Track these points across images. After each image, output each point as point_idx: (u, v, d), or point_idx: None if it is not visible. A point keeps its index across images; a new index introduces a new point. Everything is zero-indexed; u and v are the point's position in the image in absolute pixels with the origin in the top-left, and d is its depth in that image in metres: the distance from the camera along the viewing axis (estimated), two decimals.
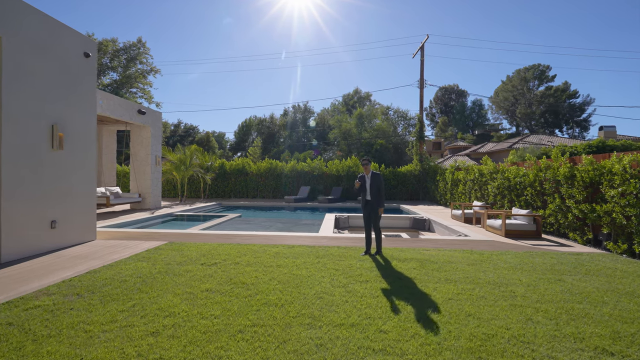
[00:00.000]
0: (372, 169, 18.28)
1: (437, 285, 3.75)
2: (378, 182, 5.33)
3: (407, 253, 5.37)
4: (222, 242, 6.23)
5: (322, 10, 63.08)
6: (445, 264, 4.67)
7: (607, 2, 65.21)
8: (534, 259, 5.12)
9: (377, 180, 5.34)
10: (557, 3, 68.84)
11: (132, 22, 65.38)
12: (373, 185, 5.32)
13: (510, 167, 9.31)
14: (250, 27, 76.25)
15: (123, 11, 62.81)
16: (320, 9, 62.25)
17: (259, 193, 18.56)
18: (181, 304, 3.15)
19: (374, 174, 5.39)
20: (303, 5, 57.84)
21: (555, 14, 70.41)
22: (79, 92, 6.04)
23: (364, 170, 5.49)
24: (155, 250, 5.48)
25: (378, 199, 5.31)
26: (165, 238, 6.60)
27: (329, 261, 4.78)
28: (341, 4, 68.17)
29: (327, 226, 8.39)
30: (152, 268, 4.34)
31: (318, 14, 62.55)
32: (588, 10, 68.29)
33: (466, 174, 12.27)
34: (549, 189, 7.53)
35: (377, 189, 5.31)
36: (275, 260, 4.78)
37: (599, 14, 68.01)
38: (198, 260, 4.78)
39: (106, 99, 10.15)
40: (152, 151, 12.65)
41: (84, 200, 6.19)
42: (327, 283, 3.80)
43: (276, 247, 5.71)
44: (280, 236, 6.92)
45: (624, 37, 63.99)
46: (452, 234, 8.04)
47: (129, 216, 10.12)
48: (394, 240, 6.70)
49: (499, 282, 3.92)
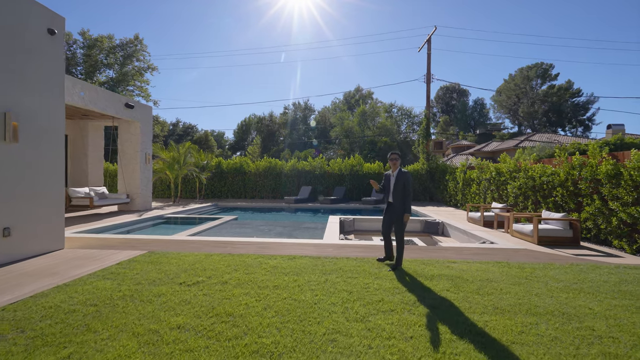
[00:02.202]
0: (377, 167, 17.52)
1: (487, 318, 2.83)
2: (404, 182, 4.43)
3: (432, 267, 4.45)
4: (211, 251, 5.32)
5: (322, 11, 62.14)
6: (484, 283, 3.75)
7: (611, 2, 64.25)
8: (587, 274, 4.20)
9: (403, 179, 4.44)
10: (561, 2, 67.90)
11: (129, 23, 64.49)
12: (398, 185, 4.46)
13: (535, 165, 8.39)
14: (250, 26, 75.29)
15: (120, 12, 61.93)
16: (321, 9, 61.29)
17: (258, 193, 17.63)
18: (137, 354, 2.23)
19: (401, 172, 4.51)
20: (303, 5, 56.87)
21: (558, 11, 69.43)
22: (40, 77, 5.11)
23: (392, 166, 4.61)
24: (129, 263, 4.56)
25: (403, 203, 4.42)
26: (147, 246, 5.69)
27: (338, 279, 3.86)
28: (341, 4, 67.22)
29: (332, 231, 7.47)
30: (115, 290, 3.42)
31: (318, 14, 61.59)
32: (591, 9, 67.34)
33: (481, 172, 11.35)
34: (585, 189, 6.61)
35: (403, 190, 4.42)
36: (272, 278, 3.86)
37: (601, 13, 67.07)
38: (177, 277, 3.87)
39: (88, 90, 9.22)
40: (142, 148, 11.71)
41: (48, 202, 5.26)
42: (339, 314, 2.88)
43: (274, 259, 4.80)
44: (279, 244, 6.00)
45: (627, 34, 63.02)
46: (474, 240, 7.12)
47: (113, 219, 9.20)
48: (409, 249, 5.77)
49: (564, 311, 3.00)
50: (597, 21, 67.90)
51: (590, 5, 67.53)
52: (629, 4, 60.70)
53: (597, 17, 67.84)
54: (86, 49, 37.31)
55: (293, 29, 67.03)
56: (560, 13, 69.85)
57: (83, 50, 37.45)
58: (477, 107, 57.08)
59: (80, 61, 37.86)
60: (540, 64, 48.68)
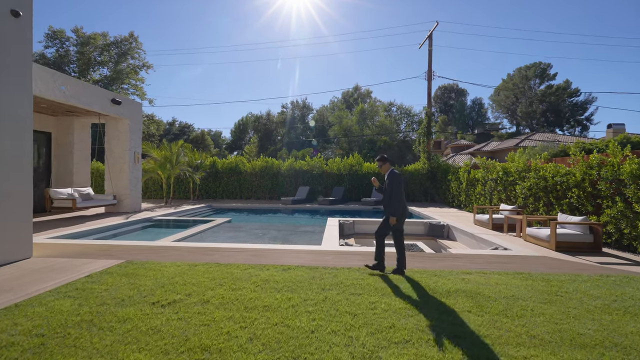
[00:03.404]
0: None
1: (525, 353, 2.29)
2: (391, 184, 4.20)
3: (445, 280, 3.91)
4: (196, 260, 4.75)
5: (321, 10, 61.45)
6: (510, 302, 3.22)
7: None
8: (623, 288, 3.68)
9: (390, 181, 4.23)
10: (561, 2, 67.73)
11: (127, 22, 63.69)
12: (387, 188, 4.28)
13: (547, 165, 7.88)
14: (249, 26, 74.49)
15: (117, 11, 61.09)
16: (319, 9, 60.63)
17: (254, 194, 17.04)
18: None
19: (390, 174, 4.30)
20: (301, 5, 56.19)
21: (555, 9, 69.25)
22: (2, 64, 4.52)
23: (381, 170, 4.46)
24: (100, 275, 3.99)
25: (389, 206, 4.19)
26: (126, 254, 5.11)
27: (340, 296, 3.31)
28: (339, 3, 66.58)
29: (331, 235, 6.92)
30: (73, 313, 2.85)
31: (316, 13, 60.90)
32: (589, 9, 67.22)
33: (486, 172, 10.84)
34: (605, 191, 6.10)
35: (390, 192, 4.19)
36: (262, 296, 3.30)
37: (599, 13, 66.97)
38: (151, 294, 3.30)
39: (70, 84, 8.61)
40: (130, 147, 11.10)
41: (12, 205, 4.67)
42: (342, 348, 2.33)
43: (266, 270, 4.24)
44: (273, 251, 5.44)
45: (624, 31, 62.86)
46: (484, 246, 6.59)
47: (98, 222, 8.60)
48: (414, 256, 5.23)
49: (617, 342, 2.47)
50: (595, 19, 67.72)
51: (588, 4, 67.38)
52: (627, 3, 60.58)
53: (594, 16, 67.70)
54: (79, 46, 36.51)
55: (291, 29, 66.40)
56: (558, 12, 69.66)
57: (76, 47, 36.66)
58: (475, 107, 56.76)
59: (74, 59, 37.08)
60: (538, 64, 48.44)
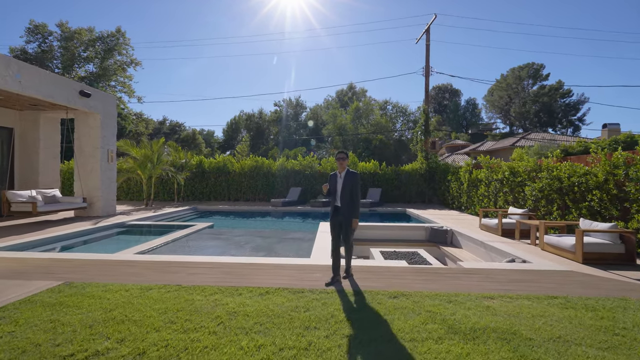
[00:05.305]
0: (372, 167, 16.18)
1: None
2: (352, 184, 3.96)
3: (464, 310, 3.05)
4: (154, 281, 3.84)
5: (315, 10, 60.45)
6: (559, 347, 2.37)
7: None
8: None
9: (351, 181, 3.98)
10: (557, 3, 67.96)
11: (122, 22, 62.10)
12: (345, 188, 3.98)
13: (561, 164, 7.12)
14: (244, 25, 73.06)
15: (112, 11, 59.35)
16: (314, 9, 59.64)
17: (243, 195, 16.07)
18: None
19: (349, 173, 4.05)
20: (296, 5, 55.18)
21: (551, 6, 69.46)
22: None
23: (339, 166, 4.11)
24: (17, 306, 3.05)
25: (350, 208, 3.93)
26: (70, 272, 4.17)
27: (330, 342, 2.43)
28: (334, 4, 65.68)
29: (322, 244, 6.04)
30: None
31: (311, 14, 59.91)
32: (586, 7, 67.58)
33: (490, 172, 10.08)
34: (635, 193, 5.34)
35: (350, 193, 3.95)
36: (221, 344, 2.41)
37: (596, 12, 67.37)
38: (68, 342, 2.38)
39: (28, 72, 7.59)
40: (103, 144, 10.08)
41: None
42: None
43: (237, 295, 3.35)
44: (252, 266, 4.54)
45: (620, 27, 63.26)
46: (496, 255, 5.78)
47: (60, 228, 7.59)
48: (420, 273, 4.37)
49: None
50: (591, 16, 68.00)
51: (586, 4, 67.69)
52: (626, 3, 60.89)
53: (591, 14, 68.03)
54: (63, 41, 35.05)
55: (286, 27, 65.28)
56: (555, 11, 69.86)
57: (60, 42, 35.18)
58: (469, 107, 56.53)
59: (58, 54, 35.60)
60: (531, 64, 48.51)
